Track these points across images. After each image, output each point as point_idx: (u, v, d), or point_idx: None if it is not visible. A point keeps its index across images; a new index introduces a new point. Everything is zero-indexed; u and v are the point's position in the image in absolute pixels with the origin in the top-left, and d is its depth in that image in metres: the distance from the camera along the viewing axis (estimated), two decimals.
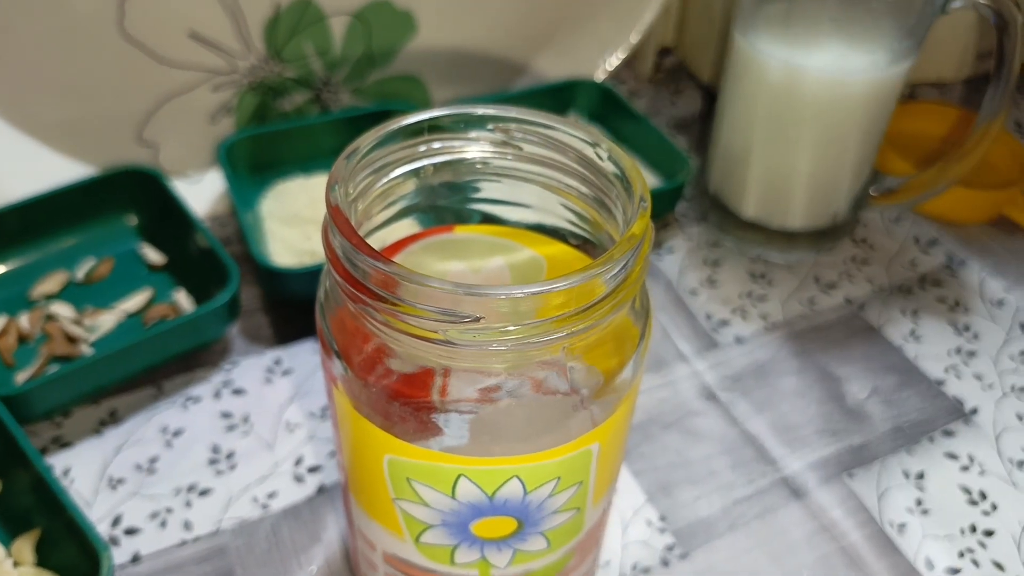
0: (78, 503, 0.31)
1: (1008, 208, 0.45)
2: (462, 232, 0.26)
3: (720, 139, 0.43)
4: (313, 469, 0.33)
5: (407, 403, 0.19)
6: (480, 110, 0.23)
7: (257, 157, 0.44)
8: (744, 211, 0.43)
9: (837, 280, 0.42)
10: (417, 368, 0.19)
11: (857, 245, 0.44)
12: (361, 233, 0.22)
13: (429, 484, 0.20)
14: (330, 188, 0.20)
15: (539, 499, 0.21)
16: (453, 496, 0.20)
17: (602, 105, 0.48)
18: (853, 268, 0.43)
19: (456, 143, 0.23)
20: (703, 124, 0.51)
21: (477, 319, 0.17)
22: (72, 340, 0.36)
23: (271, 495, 0.32)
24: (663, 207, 0.43)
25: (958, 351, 0.39)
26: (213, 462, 0.33)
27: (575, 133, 0.22)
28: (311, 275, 0.36)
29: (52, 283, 0.38)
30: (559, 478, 0.20)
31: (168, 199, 0.39)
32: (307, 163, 0.45)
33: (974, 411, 0.37)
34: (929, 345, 0.39)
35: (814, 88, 0.38)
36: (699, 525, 0.32)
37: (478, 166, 0.24)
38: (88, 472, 0.33)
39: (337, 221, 0.19)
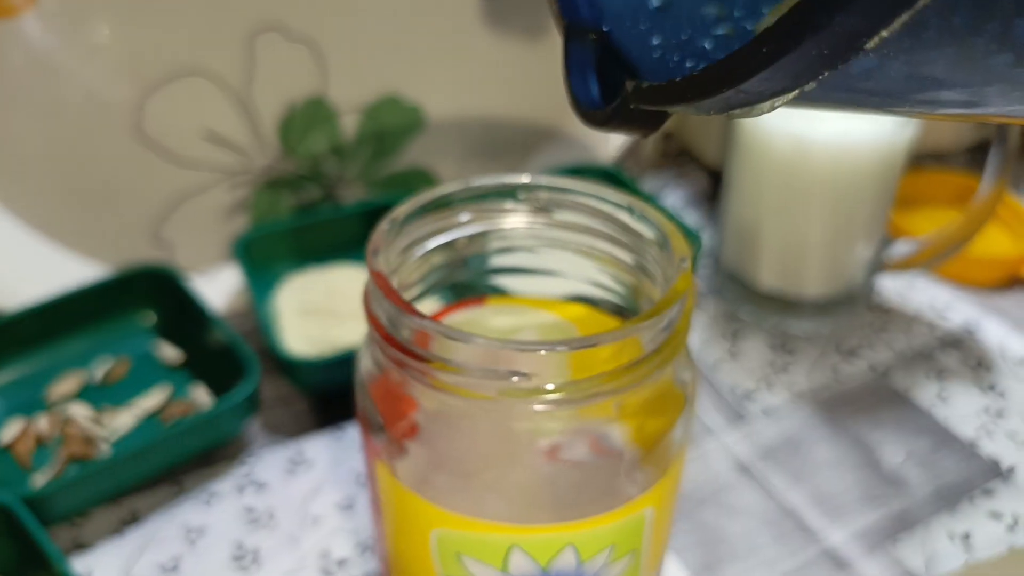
0: None
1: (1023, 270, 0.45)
2: (494, 304, 0.26)
3: (730, 214, 0.43)
4: (342, 562, 0.32)
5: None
6: (511, 179, 0.23)
7: (272, 252, 0.44)
8: (760, 283, 0.43)
9: (858, 347, 0.42)
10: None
11: (873, 312, 0.44)
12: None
13: (480, 559, 0.19)
14: (372, 255, 0.20)
15: (594, 569, 0.20)
16: (505, 570, 0.20)
17: None
18: (872, 335, 0.43)
19: (488, 214, 0.23)
20: (709, 202, 0.52)
21: (527, 376, 0.17)
22: (90, 441, 0.36)
23: None
24: None
25: (987, 411, 0.39)
26: (238, 559, 0.32)
27: (607, 197, 0.22)
28: (331, 366, 0.36)
29: (69, 384, 0.38)
30: (614, 545, 0.20)
31: (185, 297, 0.39)
32: (322, 256, 0.45)
33: (1011, 469, 0.36)
34: (958, 407, 0.39)
35: (821, 158, 0.38)
36: None
37: (511, 235, 0.24)
38: (110, 575, 0.31)
39: (381, 286, 0.19)
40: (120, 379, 0.39)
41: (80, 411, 0.37)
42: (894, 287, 0.46)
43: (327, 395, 0.39)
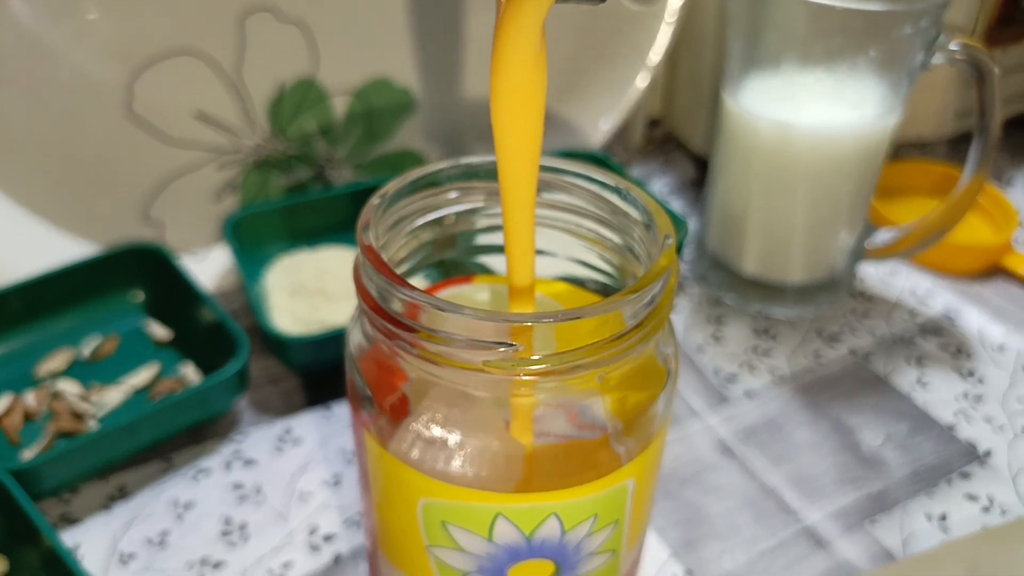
0: None
1: (1004, 259, 0.46)
2: (481, 282, 0.26)
3: (716, 201, 0.44)
4: (329, 538, 0.32)
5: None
6: None
7: (262, 232, 0.44)
8: (744, 269, 0.43)
9: (839, 332, 0.43)
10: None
11: (856, 298, 0.45)
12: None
13: (465, 527, 0.20)
14: (362, 229, 0.20)
15: (577, 539, 0.20)
16: (490, 539, 0.20)
17: None
18: (854, 320, 0.44)
19: (478, 192, 0.24)
20: (695, 189, 0.53)
21: (514, 347, 0.17)
22: (78, 416, 0.36)
23: (286, 566, 0.31)
24: None
25: (965, 396, 0.39)
26: (226, 534, 0.32)
27: (595, 177, 0.23)
28: (319, 344, 0.36)
29: (58, 361, 0.38)
30: (596, 515, 0.20)
31: (174, 275, 0.40)
32: (311, 237, 0.45)
33: (988, 453, 0.37)
34: (937, 392, 0.40)
35: (805, 145, 0.39)
36: None
37: (499, 214, 0.25)
38: (98, 548, 0.32)
39: (371, 259, 0.19)
40: (109, 356, 0.39)
41: (69, 387, 0.37)
42: (876, 274, 0.47)
43: (316, 374, 0.39)
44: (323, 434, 0.37)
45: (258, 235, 0.44)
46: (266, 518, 0.33)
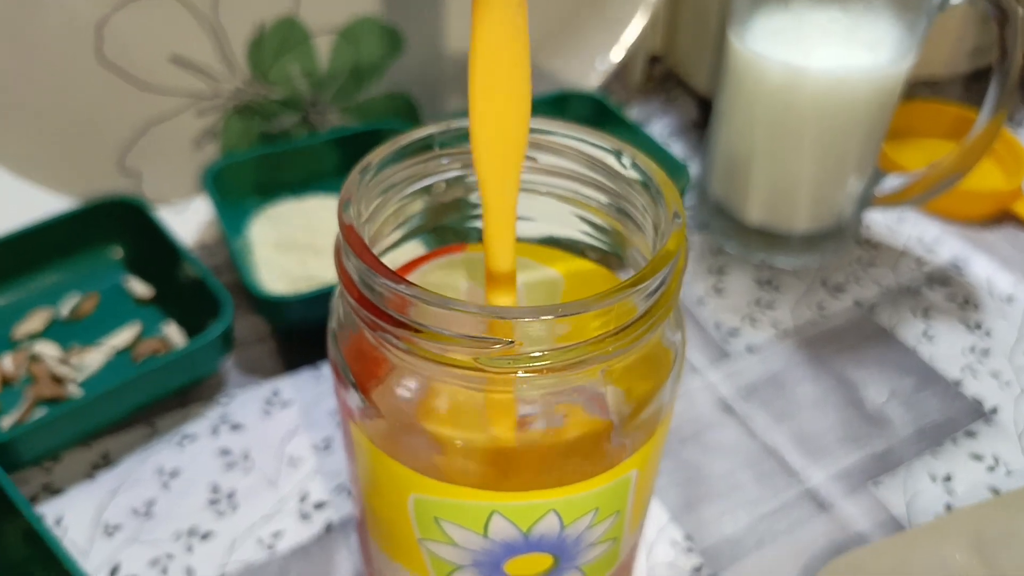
0: (73, 552, 0.30)
1: (1015, 205, 0.44)
2: (474, 251, 0.25)
3: (720, 145, 0.42)
4: (320, 505, 0.32)
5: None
6: None
7: (245, 182, 0.42)
8: (748, 217, 0.42)
9: (844, 283, 0.42)
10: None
11: (861, 247, 0.44)
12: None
13: (459, 523, 0.19)
14: (343, 207, 0.19)
15: (577, 532, 0.19)
16: (485, 535, 0.19)
17: (595, 116, 0.47)
18: (859, 270, 0.42)
19: (470, 156, 0.22)
20: (698, 131, 0.50)
21: (510, 344, 0.16)
22: (59, 381, 0.35)
23: (277, 535, 0.31)
24: None
25: (972, 350, 0.38)
26: (214, 503, 0.32)
27: (595, 142, 0.21)
28: (309, 302, 0.35)
29: (35, 321, 0.37)
30: (597, 509, 0.19)
31: (154, 229, 0.38)
32: (297, 186, 0.43)
33: (994, 411, 0.36)
34: (943, 345, 0.39)
35: (815, 89, 0.37)
36: (726, 543, 0.31)
37: None
38: (82, 519, 0.31)
39: (352, 242, 0.17)
40: (88, 315, 0.38)
41: (47, 350, 0.35)
42: (882, 221, 0.45)
43: (304, 332, 0.38)
44: (312, 395, 0.35)
45: (240, 185, 0.42)
46: (255, 485, 0.32)
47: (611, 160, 0.21)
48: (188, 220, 0.42)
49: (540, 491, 0.18)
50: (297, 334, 0.38)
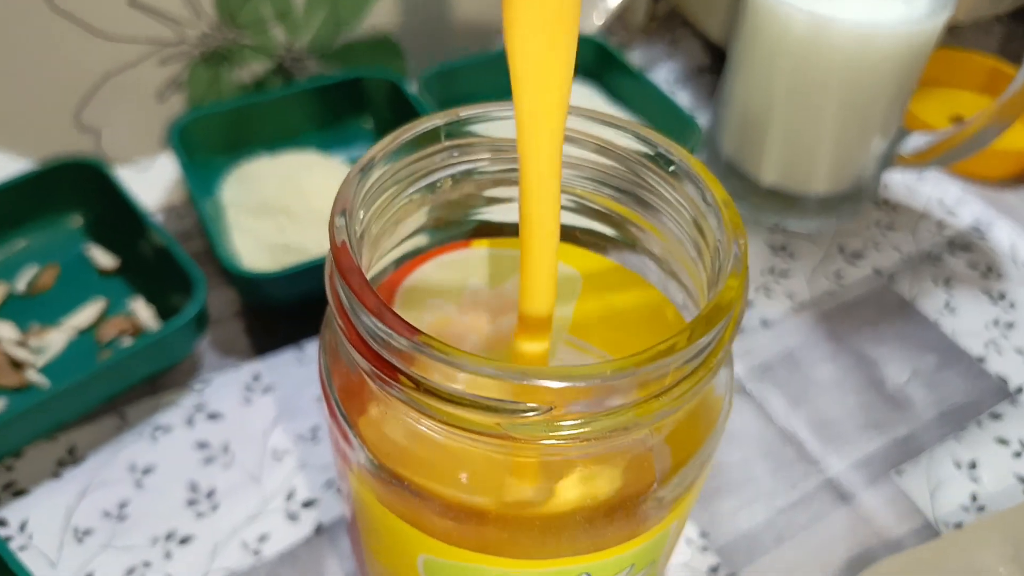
0: (40, 562, 0.27)
1: None
2: (480, 247, 0.22)
3: (734, 99, 0.39)
4: (308, 504, 0.29)
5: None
6: (504, 110, 0.19)
7: (214, 138, 0.39)
8: (763, 178, 0.39)
9: (863, 249, 0.39)
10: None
11: (880, 208, 0.41)
12: (370, 267, 0.17)
13: None
14: (337, 216, 0.16)
15: None
16: None
17: (595, 62, 0.43)
18: (878, 234, 0.40)
19: (479, 149, 0.19)
20: (706, 78, 0.47)
21: (547, 411, 0.13)
22: (17, 366, 0.32)
23: (263, 538, 0.28)
24: None
25: (996, 323, 0.36)
26: (192, 503, 0.29)
27: (613, 123, 0.18)
28: (288, 279, 0.32)
29: None
30: (633, 565, 0.17)
31: (116, 194, 0.34)
32: (272, 142, 0.40)
33: (1019, 390, 0.34)
34: (965, 318, 0.36)
35: (843, 42, 0.33)
36: (743, 540, 0.29)
37: (502, 174, 0.20)
38: (49, 524, 0.28)
39: (346, 270, 0.14)
40: (47, 289, 0.35)
41: (3, 331, 0.32)
42: (901, 180, 0.42)
43: (284, 309, 0.35)
44: (296, 380, 0.33)
45: (209, 141, 0.38)
46: (236, 482, 0.30)
47: (659, 168, 0.18)
48: (152, 180, 0.38)
49: (572, 558, 0.16)
50: (276, 310, 0.35)
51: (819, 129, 0.37)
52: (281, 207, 0.37)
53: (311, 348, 0.34)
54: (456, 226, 0.21)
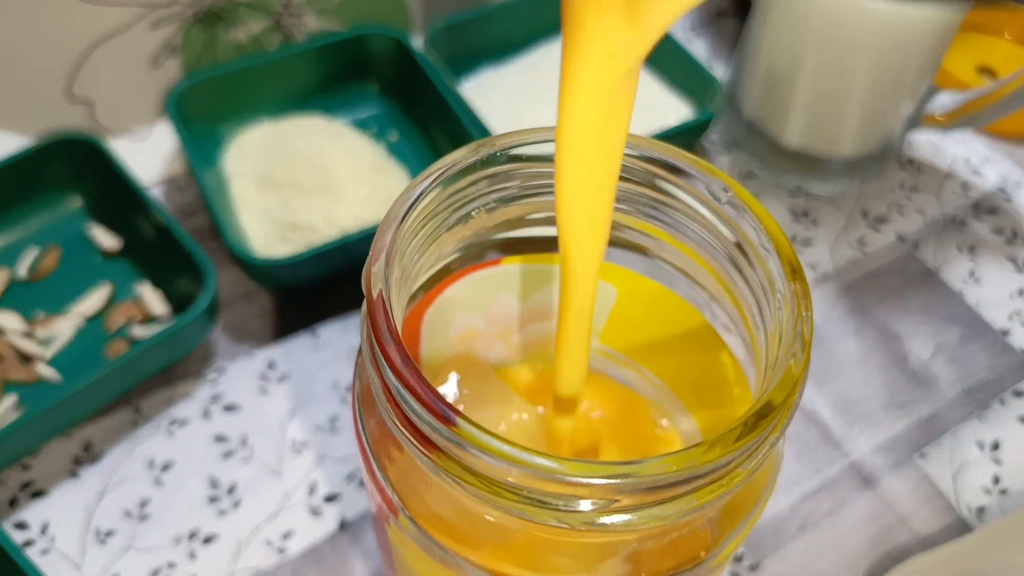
0: (65, 566, 0.27)
1: None
2: (511, 263, 0.21)
3: (759, 57, 0.37)
4: (330, 498, 0.29)
5: None
6: (535, 139, 0.17)
7: (213, 104, 0.37)
8: (787, 140, 0.37)
9: (886, 213, 0.38)
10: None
11: (904, 168, 0.40)
12: (400, 303, 0.17)
13: None
14: (374, 265, 0.14)
15: None
16: None
17: None
18: (902, 197, 0.39)
19: (514, 177, 0.18)
20: (725, 24, 0.45)
21: (603, 505, 0.13)
22: (26, 359, 0.31)
23: (286, 535, 0.28)
24: (689, 140, 0.38)
25: (1021, 293, 0.36)
26: (214, 500, 0.29)
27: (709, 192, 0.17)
28: (301, 264, 0.31)
29: None
30: None
31: (115, 172, 0.33)
32: (273, 105, 0.38)
33: None
34: (990, 288, 0.36)
35: (879, 5, 0.32)
36: (767, 528, 0.29)
37: (534, 197, 0.19)
38: (71, 525, 0.28)
39: (382, 339, 0.13)
40: (50, 273, 0.33)
41: (9, 322, 0.31)
42: (927, 138, 0.41)
43: (297, 291, 0.34)
44: (311, 366, 0.32)
45: (208, 108, 0.36)
46: (257, 476, 0.29)
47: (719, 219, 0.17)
48: (150, 151, 0.37)
49: None
50: (289, 292, 0.34)
51: (849, 90, 0.35)
52: (285, 180, 0.36)
53: (324, 332, 0.33)
54: (487, 247, 0.20)
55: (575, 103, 0.13)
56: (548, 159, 0.17)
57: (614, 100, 0.13)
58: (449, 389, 0.20)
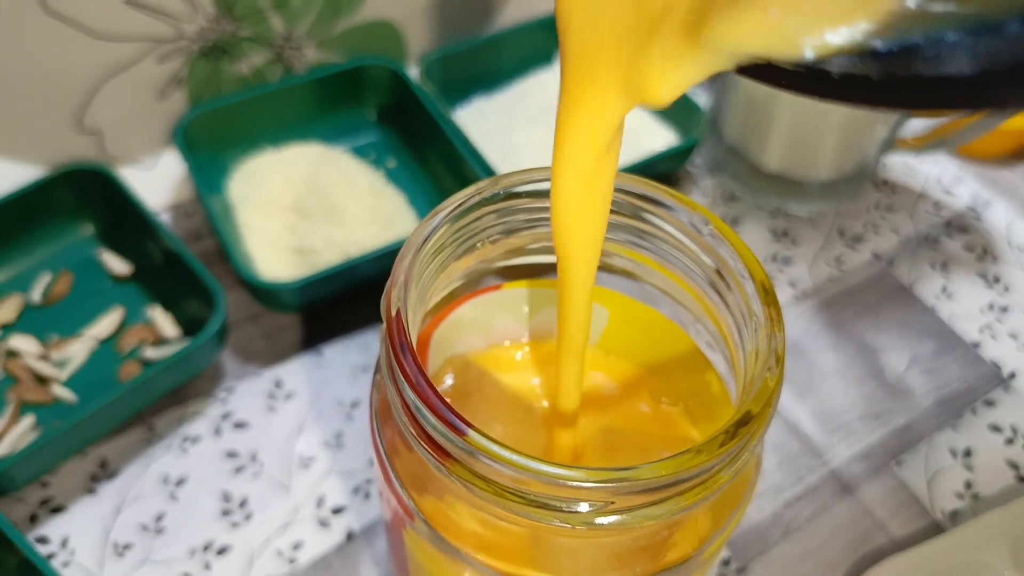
0: None
1: None
2: (511, 288, 0.23)
3: (739, 87, 0.39)
4: (338, 510, 0.30)
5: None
6: (539, 176, 0.19)
7: (218, 133, 0.38)
8: (767, 164, 0.39)
9: (863, 232, 0.40)
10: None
11: (879, 189, 0.42)
12: (415, 324, 0.18)
13: None
14: (393, 289, 0.16)
15: None
16: None
17: None
18: (877, 217, 0.41)
19: (518, 212, 0.19)
20: None
21: (603, 506, 0.14)
22: (42, 380, 0.32)
23: (296, 546, 0.30)
24: (675, 164, 0.40)
25: (991, 307, 0.38)
26: (226, 513, 0.30)
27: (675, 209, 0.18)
28: (307, 287, 0.32)
29: (6, 309, 0.34)
30: None
31: (124, 200, 0.34)
32: (276, 134, 0.40)
33: (1012, 375, 0.35)
34: (962, 303, 0.38)
35: None
36: (752, 533, 0.31)
37: (536, 230, 0.20)
38: (89, 540, 0.29)
39: (400, 356, 0.15)
40: (63, 298, 0.35)
41: (24, 345, 0.33)
42: (900, 161, 0.43)
43: (302, 312, 0.35)
44: (316, 385, 0.34)
45: (212, 137, 0.38)
46: (267, 490, 0.31)
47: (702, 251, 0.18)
48: (159, 179, 0.38)
49: None
50: (291, 313, 0.35)
51: (825, 117, 0.37)
52: (287, 205, 0.37)
53: (328, 352, 0.34)
54: (489, 273, 0.22)
55: (569, 175, 0.15)
56: (545, 195, 0.19)
57: (601, 163, 0.15)
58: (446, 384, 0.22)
